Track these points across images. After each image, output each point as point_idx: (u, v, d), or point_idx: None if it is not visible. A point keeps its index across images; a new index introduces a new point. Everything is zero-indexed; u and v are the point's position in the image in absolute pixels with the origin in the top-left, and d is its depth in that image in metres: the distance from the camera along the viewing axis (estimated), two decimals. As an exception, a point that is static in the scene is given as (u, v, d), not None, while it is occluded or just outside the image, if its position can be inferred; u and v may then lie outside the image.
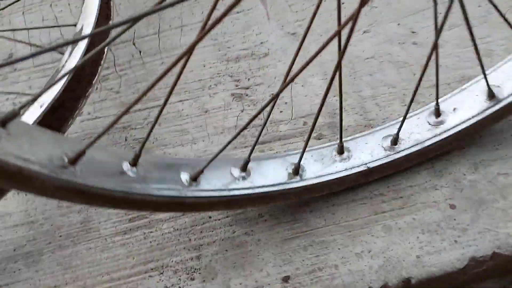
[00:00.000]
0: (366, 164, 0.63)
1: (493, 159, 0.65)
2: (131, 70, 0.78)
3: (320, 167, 0.63)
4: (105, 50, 0.68)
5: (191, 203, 0.54)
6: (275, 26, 0.81)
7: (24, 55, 0.37)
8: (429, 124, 0.64)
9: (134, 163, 0.50)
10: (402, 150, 0.63)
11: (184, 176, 0.54)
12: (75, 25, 0.68)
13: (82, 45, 0.62)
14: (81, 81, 0.65)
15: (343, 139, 0.64)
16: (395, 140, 0.63)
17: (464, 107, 0.63)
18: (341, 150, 0.64)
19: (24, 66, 0.82)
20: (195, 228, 0.65)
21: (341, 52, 0.45)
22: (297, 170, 0.61)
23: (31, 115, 0.61)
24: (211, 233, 0.64)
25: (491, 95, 0.62)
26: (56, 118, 0.64)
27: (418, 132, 0.64)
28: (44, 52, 0.39)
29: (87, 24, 0.65)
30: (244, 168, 0.59)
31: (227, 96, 0.75)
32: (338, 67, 0.51)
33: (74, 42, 0.63)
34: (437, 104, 0.63)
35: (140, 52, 0.81)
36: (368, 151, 0.64)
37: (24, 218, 0.68)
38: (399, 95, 0.72)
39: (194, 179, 0.55)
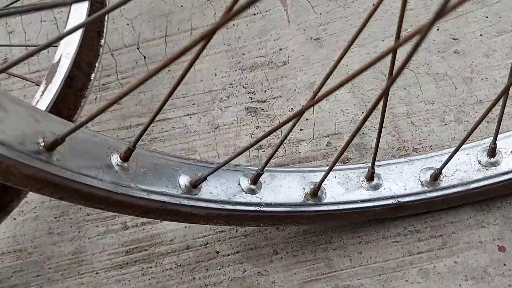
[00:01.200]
0: (397, 197, 0.54)
1: (551, 192, 0.56)
2: (135, 78, 0.70)
3: (343, 191, 0.54)
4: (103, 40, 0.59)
5: (186, 213, 0.47)
6: (295, 30, 0.72)
7: (19, 58, 0.30)
8: (480, 163, 0.54)
9: (125, 157, 0.43)
10: (442, 189, 0.54)
11: (183, 181, 0.47)
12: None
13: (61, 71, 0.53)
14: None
15: (376, 164, 0.55)
16: (436, 176, 0.54)
17: None
18: (370, 176, 0.54)
19: (19, 72, 0.74)
20: (200, 265, 0.56)
21: (393, 76, 0.35)
22: (316, 192, 0.52)
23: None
24: (218, 271, 0.56)
25: None
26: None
27: (465, 170, 0.54)
28: (40, 50, 0.31)
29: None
30: (255, 180, 0.51)
31: (240, 111, 0.66)
32: (386, 93, 0.42)
33: (68, 34, 0.55)
34: (494, 142, 0.53)
35: (144, 58, 0.72)
36: (401, 183, 0.55)
37: (11, 245, 0.61)
38: (438, 113, 0.63)
39: (195, 185, 0.47)
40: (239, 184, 0.51)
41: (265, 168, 0.52)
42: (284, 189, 0.53)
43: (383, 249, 0.55)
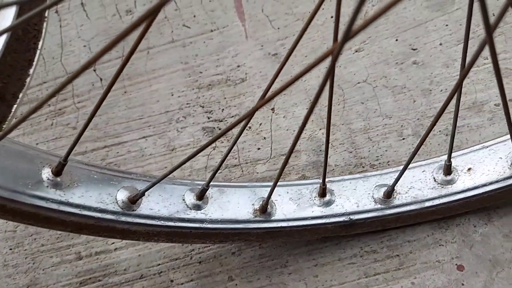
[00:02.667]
0: (349, 215, 0.53)
1: (510, 206, 0.54)
2: (91, 102, 0.69)
3: (294, 208, 0.53)
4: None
5: (124, 230, 0.46)
6: (253, 45, 0.71)
7: None
8: (435, 181, 0.53)
9: (57, 171, 0.42)
10: (396, 207, 0.53)
11: (122, 196, 0.45)
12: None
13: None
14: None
15: (328, 179, 0.54)
16: (389, 193, 0.52)
17: (482, 169, 0.52)
18: (323, 193, 0.53)
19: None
20: (154, 294, 0.55)
21: (327, 74, 0.34)
22: (265, 208, 0.51)
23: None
24: (173, 300, 0.54)
25: None
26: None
27: (419, 188, 0.53)
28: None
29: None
30: (200, 195, 0.49)
31: (197, 131, 0.65)
32: (330, 95, 0.41)
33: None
34: (449, 159, 0.51)
35: (101, 80, 0.71)
36: (354, 199, 0.54)
37: (-34, 278, 0.60)
38: (396, 127, 0.62)
39: (134, 201, 0.46)
40: (183, 199, 0.49)
41: (214, 183, 0.51)
42: (233, 205, 0.51)
43: (339, 271, 0.54)
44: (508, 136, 0.52)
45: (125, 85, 0.70)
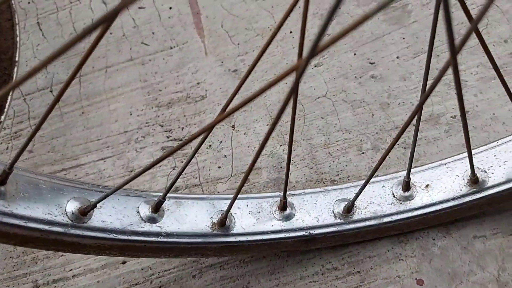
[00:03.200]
0: (309, 229, 0.52)
1: (468, 218, 0.55)
2: (48, 124, 0.67)
3: (254, 221, 0.52)
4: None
5: (73, 243, 0.44)
6: (213, 62, 0.70)
7: None
8: (394, 196, 0.53)
9: (1, 180, 0.39)
10: (355, 222, 0.53)
11: (72, 207, 0.43)
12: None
13: None
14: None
15: (289, 193, 0.54)
16: (349, 208, 0.52)
17: (439, 186, 0.52)
18: (283, 206, 0.52)
19: None
20: (113, 321, 0.54)
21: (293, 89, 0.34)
22: (223, 221, 0.50)
23: None
24: (133, 327, 0.53)
25: (474, 180, 0.51)
26: None
27: (379, 203, 0.53)
28: None
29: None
30: (156, 208, 0.48)
31: (156, 151, 0.64)
32: (293, 110, 0.41)
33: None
34: (408, 176, 0.52)
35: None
36: (314, 214, 0.53)
37: None
38: (356, 141, 0.62)
39: (84, 213, 0.44)
40: (138, 212, 0.48)
41: (172, 195, 0.50)
42: (190, 218, 0.50)
43: (301, 290, 0.53)
44: (465, 154, 0.53)
45: (83, 106, 0.69)
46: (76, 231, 0.44)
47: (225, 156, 0.63)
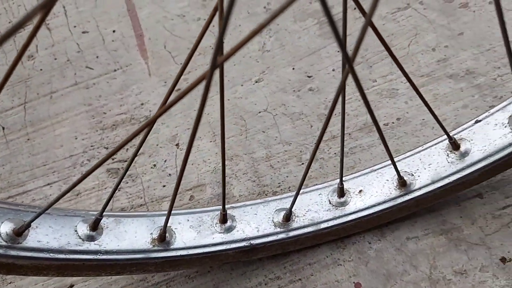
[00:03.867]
0: (249, 239, 0.54)
1: (401, 220, 0.57)
2: (-8, 152, 0.68)
3: (194, 235, 0.53)
4: None
5: (8, 264, 0.44)
6: (157, 82, 0.72)
7: None
8: (330, 203, 0.55)
9: None
10: (294, 229, 0.55)
11: (6, 228, 0.44)
12: None
13: None
14: None
15: (230, 206, 0.55)
16: (287, 216, 0.54)
17: (371, 191, 0.55)
18: (223, 219, 0.54)
19: None
20: None
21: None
22: (163, 237, 0.51)
23: None
24: None
25: (402, 184, 0.54)
26: None
27: (316, 210, 0.55)
28: None
29: None
30: (94, 226, 0.49)
31: (101, 173, 0.65)
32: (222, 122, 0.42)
33: None
34: (341, 182, 0.54)
35: (3, 128, 0.70)
36: (255, 224, 0.55)
37: None
38: (295, 152, 0.64)
39: (19, 233, 0.44)
40: (75, 230, 0.48)
41: (111, 213, 0.50)
42: (130, 235, 0.51)
43: (245, 301, 0.55)
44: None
45: (28, 132, 0.69)
46: (11, 251, 0.44)
47: (169, 174, 0.64)
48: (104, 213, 0.50)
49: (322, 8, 0.31)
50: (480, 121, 0.54)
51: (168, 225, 0.54)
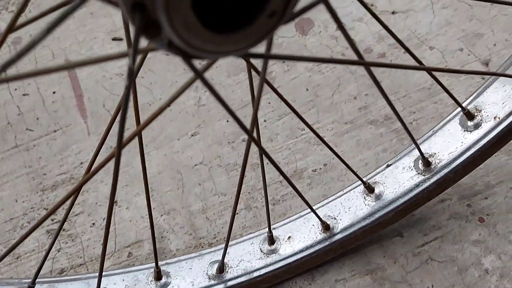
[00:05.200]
0: None
1: (329, 263, 0.61)
2: None
3: None
4: None
5: None
6: (96, 141, 0.74)
7: None
8: (261, 251, 0.58)
9: None
10: (228, 280, 0.57)
11: None
12: None
13: None
14: None
15: (165, 262, 0.57)
16: (221, 268, 0.57)
17: (299, 236, 0.58)
18: (158, 276, 0.56)
19: None
20: None
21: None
22: None
23: None
24: None
25: (326, 227, 0.57)
26: None
27: (248, 260, 0.58)
28: None
29: None
30: None
31: (41, 235, 0.66)
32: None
33: None
34: (270, 231, 0.57)
35: None
36: (190, 279, 0.57)
37: None
38: (231, 203, 0.67)
39: None
40: None
41: (44, 280, 0.51)
42: None
43: None
44: (317, 205, 0.59)
45: (-34, 198, 0.70)
46: None
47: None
48: (37, 280, 0.51)
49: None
50: (390, 165, 0.58)
51: (104, 286, 0.55)
